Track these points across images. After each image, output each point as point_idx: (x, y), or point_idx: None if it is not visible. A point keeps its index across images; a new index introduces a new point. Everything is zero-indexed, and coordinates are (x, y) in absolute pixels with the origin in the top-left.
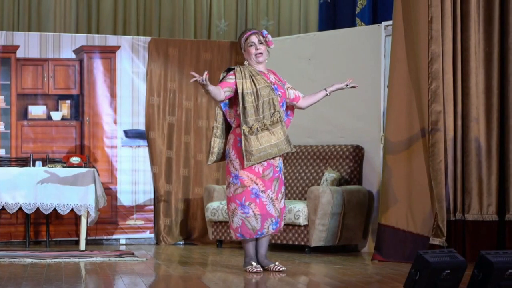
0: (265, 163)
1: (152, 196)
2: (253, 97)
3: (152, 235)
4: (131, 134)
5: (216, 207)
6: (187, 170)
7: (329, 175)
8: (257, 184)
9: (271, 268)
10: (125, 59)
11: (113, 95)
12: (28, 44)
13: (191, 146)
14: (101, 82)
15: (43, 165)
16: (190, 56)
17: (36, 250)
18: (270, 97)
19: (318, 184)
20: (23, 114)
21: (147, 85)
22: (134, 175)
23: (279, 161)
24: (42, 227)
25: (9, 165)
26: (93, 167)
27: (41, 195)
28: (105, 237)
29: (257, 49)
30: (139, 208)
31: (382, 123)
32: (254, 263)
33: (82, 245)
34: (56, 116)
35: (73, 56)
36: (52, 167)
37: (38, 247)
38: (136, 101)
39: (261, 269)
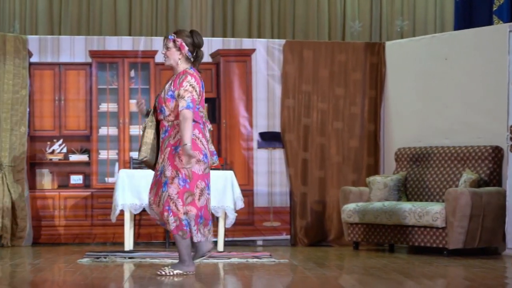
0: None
1: (288, 198)
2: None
3: (289, 237)
4: (267, 137)
5: (352, 209)
6: (323, 172)
7: (467, 176)
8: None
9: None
10: (260, 62)
11: (248, 98)
12: None
13: (327, 148)
14: (237, 85)
15: None
16: (324, 57)
17: (175, 251)
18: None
19: (456, 186)
20: None
21: (282, 87)
22: (270, 177)
23: (159, 165)
24: None
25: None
26: (230, 169)
27: None
28: (242, 239)
29: (162, 52)
30: (276, 209)
31: None
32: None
33: (220, 246)
34: None
35: (210, 60)
36: None
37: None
38: (271, 103)
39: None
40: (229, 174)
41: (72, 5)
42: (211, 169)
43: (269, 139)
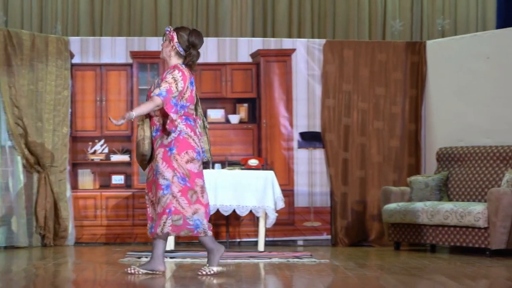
0: (149, 166)
1: (329, 198)
2: None
3: (329, 237)
4: (307, 136)
5: (393, 209)
6: (364, 172)
7: (510, 176)
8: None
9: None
10: (301, 62)
11: (289, 97)
12: (207, 49)
13: (367, 148)
14: (277, 85)
15: (222, 167)
16: (365, 57)
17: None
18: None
19: (498, 186)
20: None
21: (322, 87)
22: (310, 177)
23: (156, 164)
24: (222, 228)
25: None
26: (271, 169)
27: (220, 197)
28: (282, 238)
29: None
30: (316, 209)
31: None
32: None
33: (261, 246)
34: (234, 119)
35: (250, 60)
36: (231, 169)
37: None
38: (311, 103)
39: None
40: (270, 174)
41: (113, 6)
42: (250, 169)
43: (309, 139)
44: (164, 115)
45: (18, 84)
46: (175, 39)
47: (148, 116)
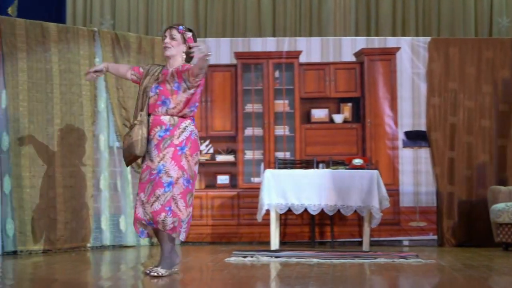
0: (144, 166)
1: (435, 197)
2: (139, 94)
3: (435, 237)
4: (412, 136)
5: (501, 209)
6: (470, 171)
7: None
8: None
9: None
10: (405, 60)
11: (393, 96)
12: (310, 48)
13: (474, 147)
14: (381, 84)
15: (326, 167)
16: (471, 55)
17: (321, 250)
18: (144, 98)
19: None
20: (306, 117)
21: (428, 86)
22: (416, 176)
23: (161, 164)
24: (326, 228)
25: (294, 167)
26: (375, 168)
27: (325, 197)
28: (388, 238)
29: (164, 43)
30: (422, 209)
31: None
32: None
33: (366, 246)
34: (338, 119)
35: (354, 59)
36: (335, 169)
37: (323, 247)
38: (416, 102)
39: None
40: (375, 173)
41: (217, 7)
42: (355, 168)
43: (414, 138)
44: (182, 111)
45: (126, 86)
46: (192, 42)
47: (148, 116)
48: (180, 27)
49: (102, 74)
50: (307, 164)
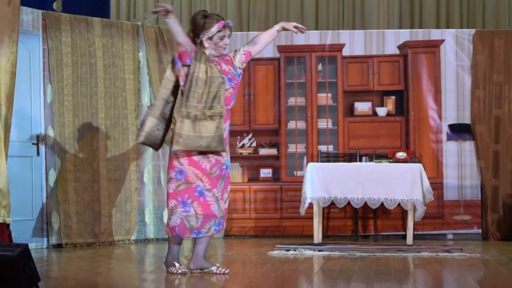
0: (212, 160)
1: (479, 191)
2: (205, 85)
3: (480, 231)
4: (456, 129)
5: None
6: None
7: None
8: (202, 182)
9: (214, 270)
10: (449, 53)
11: (437, 89)
12: (353, 41)
13: None
14: (425, 76)
15: (370, 160)
16: None
17: (364, 244)
18: (219, 90)
19: None
20: (349, 110)
21: (472, 78)
22: (460, 170)
23: (226, 159)
24: (369, 221)
25: (337, 160)
26: (419, 162)
27: (368, 190)
28: (432, 232)
29: (226, 43)
30: (466, 203)
31: None
32: (177, 264)
33: (410, 239)
34: (381, 112)
35: (397, 52)
36: (379, 162)
37: (366, 241)
38: (461, 94)
39: (186, 270)
40: (418, 166)
41: (260, 2)
42: (399, 161)
43: (458, 131)
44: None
45: None
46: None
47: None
48: (230, 23)
49: (170, 14)
50: (350, 157)
